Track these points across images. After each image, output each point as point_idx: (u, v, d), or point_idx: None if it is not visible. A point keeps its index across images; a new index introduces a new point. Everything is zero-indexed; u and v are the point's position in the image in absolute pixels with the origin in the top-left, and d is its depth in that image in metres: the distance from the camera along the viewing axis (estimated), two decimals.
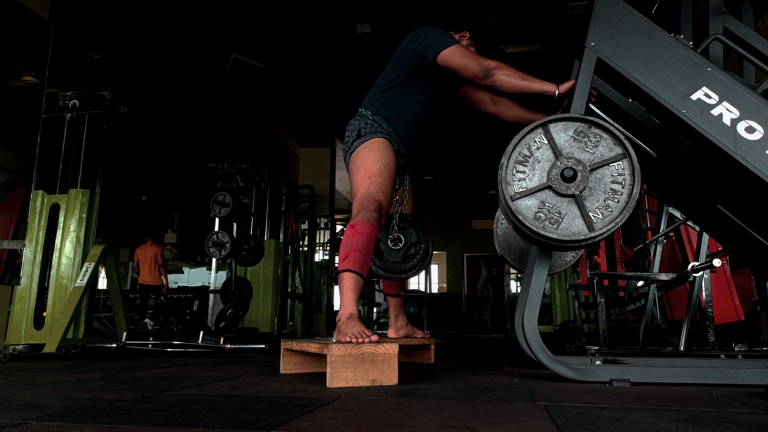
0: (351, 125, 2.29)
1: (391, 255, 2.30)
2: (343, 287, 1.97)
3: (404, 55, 2.28)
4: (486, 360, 2.94)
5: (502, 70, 2.08)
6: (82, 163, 4.04)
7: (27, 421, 1.05)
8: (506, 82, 2.07)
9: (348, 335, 1.74)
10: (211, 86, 7.19)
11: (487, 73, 2.09)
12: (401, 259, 2.30)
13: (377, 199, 2.07)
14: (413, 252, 2.32)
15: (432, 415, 1.13)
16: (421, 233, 2.34)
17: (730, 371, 1.72)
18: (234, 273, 5.27)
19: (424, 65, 2.24)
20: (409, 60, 2.26)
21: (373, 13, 5.47)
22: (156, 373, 2.09)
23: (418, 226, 2.35)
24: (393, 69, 2.30)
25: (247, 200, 6.56)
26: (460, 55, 2.16)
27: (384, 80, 2.31)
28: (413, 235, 2.33)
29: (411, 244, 2.31)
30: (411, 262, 2.31)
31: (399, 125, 2.24)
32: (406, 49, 2.28)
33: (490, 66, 2.09)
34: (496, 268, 13.18)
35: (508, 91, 2.11)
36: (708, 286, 3.40)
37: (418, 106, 2.27)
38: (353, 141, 2.23)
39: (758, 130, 1.79)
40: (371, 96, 2.32)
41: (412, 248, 2.32)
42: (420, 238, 2.33)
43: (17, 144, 8.61)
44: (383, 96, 2.28)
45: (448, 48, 2.17)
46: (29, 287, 3.74)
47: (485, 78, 2.10)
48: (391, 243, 2.32)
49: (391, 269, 2.38)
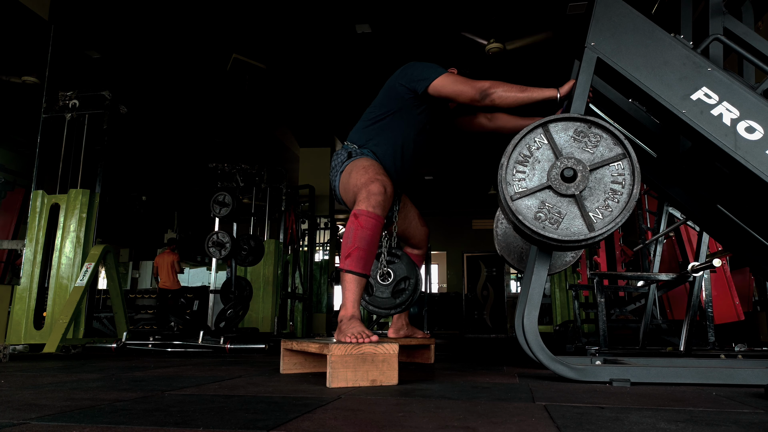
0: (339, 153, 2.25)
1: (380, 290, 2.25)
2: (345, 288, 1.95)
3: (393, 90, 2.24)
4: (486, 360, 2.94)
5: (499, 87, 2.05)
6: (82, 163, 4.04)
7: (27, 421, 1.05)
8: (506, 98, 2.05)
9: (348, 335, 1.74)
10: (211, 86, 7.19)
11: (483, 94, 2.06)
12: (390, 295, 2.26)
13: (380, 179, 2.01)
14: (403, 287, 2.27)
15: (432, 415, 1.13)
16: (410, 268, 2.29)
17: (730, 371, 1.72)
18: (234, 273, 5.27)
19: (415, 99, 2.21)
20: (399, 95, 2.22)
21: (373, 13, 5.47)
22: (156, 373, 2.09)
23: (407, 260, 2.31)
24: (381, 103, 2.26)
25: (247, 200, 6.56)
26: (452, 82, 2.13)
27: (372, 114, 2.27)
28: (402, 270, 2.28)
29: (400, 279, 2.27)
30: (400, 298, 2.26)
31: (387, 159, 2.21)
32: (395, 84, 2.24)
33: (484, 87, 2.06)
34: (496, 268, 13.18)
35: (509, 107, 2.08)
36: (708, 286, 3.40)
37: (407, 140, 2.24)
38: (343, 161, 2.20)
39: (758, 130, 1.79)
40: (358, 130, 2.28)
41: (402, 283, 2.27)
42: (409, 273, 2.29)
43: (17, 144, 8.63)
44: (371, 130, 2.24)
45: (439, 77, 2.14)
46: (29, 287, 3.74)
47: (483, 99, 2.07)
48: (380, 278, 2.27)
49: (380, 305, 2.34)
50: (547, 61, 6.23)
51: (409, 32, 5.79)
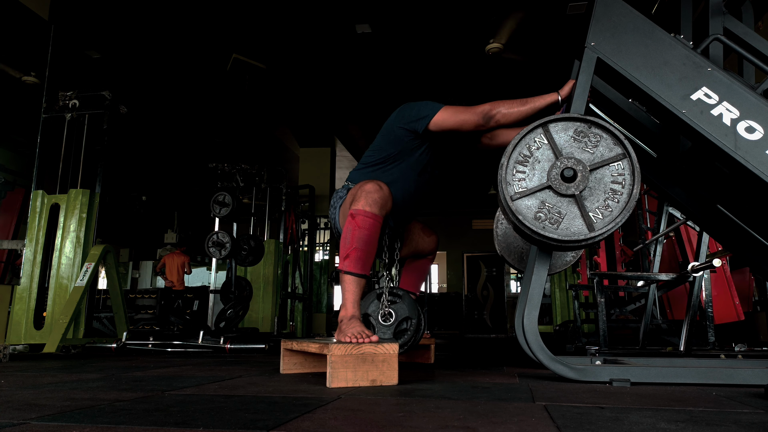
0: (338, 192, 2.25)
1: (381, 331, 2.21)
2: (345, 289, 1.95)
3: (392, 133, 2.22)
4: (486, 360, 2.94)
5: (500, 106, 2.04)
6: (82, 163, 4.04)
7: (27, 421, 1.05)
8: (510, 114, 2.04)
9: (348, 335, 1.74)
10: (211, 86, 7.19)
11: (487, 117, 2.05)
12: (392, 336, 2.23)
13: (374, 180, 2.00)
14: (405, 327, 2.24)
15: (432, 415, 1.13)
16: (411, 308, 2.26)
17: (730, 371, 1.72)
18: (234, 273, 5.27)
19: (415, 140, 2.19)
20: (398, 138, 2.20)
21: (373, 13, 5.47)
22: (156, 373, 2.09)
23: (408, 300, 2.28)
24: (380, 147, 2.24)
25: (247, 200, 6.56)
26: (452, 114, 2.11)
27: (372, 158, 2.25)
28: (404, 310, 2.25)
29: (402, 319, 2.25)
30: (403, 339, 2.24)
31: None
32: (393, 127, 2.22)
33: (486, 110, 2.05)
34: (496, 268, 13.18)
35: (514, 123, 2.06)
36: (708, 286, 3.40)
37: (407, 183, 2.23)
38: (343, 196, 2.19)
39: (758, 130, 1.79)
40: (358, 171, 2.27)
41: (404, 323, 2.25)
42: (411, 313, 2.26)
43: (17, 144, 8.63)
44: (370, 173, 2.23)
45: (438, 113, 2.12)
46: (29, 287, 3.74)
47: (488, 123, 2.06)
48: (381, 318, 2.24)
49: None
50: (545, 63, 6.23)
51: (409, 32, 5.79)
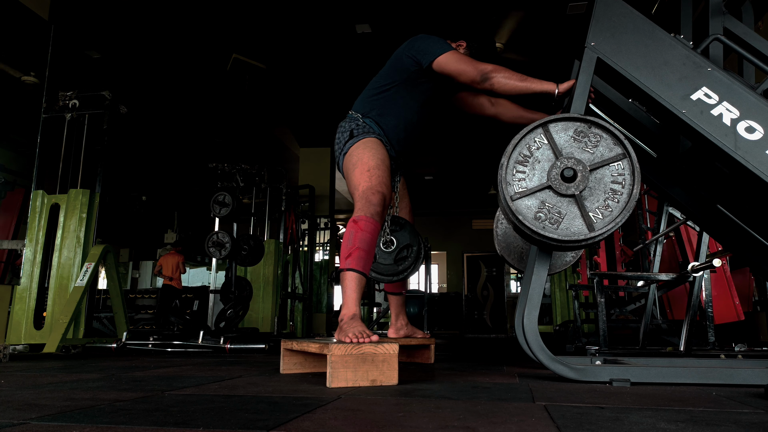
0: (342, 127, 2.28)
1: (383, 257, 2.31)
2: (346, 287, 1.96)
3: (400, 61, 2.27)
4: (486, 360, 2.94)
5: (500, 72, 2.07)
6: (82, 163, 4.04)
7: (27, 421, 1.05)
8: (505, 84, 2.06)
9: (349, 335, 1.74)
10: (211, 86, 7.19)
11: (484, 77, 2.08)
12: (393, 262, 2.30)
13: (381, 191, 2.05)
14: (405, 255, 2.32)
15: (432, 415, 1.13)
16: (413, 236, 2.33)
17: (730, 371, 1.72)
18: (234, 273, 5.27)
19: (419, 72, 2.23)
20: (404, 66, 2.25)
21: (373, 13, 5.47)
22: (156, 373, 2.09)
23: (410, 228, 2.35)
24: (387, 74, 2.29)
25: (247, 200, 6.56)
26: (456, 60, 2.14)
27: (377, 84, 2.30)
28: (405, 238, 2.32)
29: (403, 246, 2.31)
30: (403, 265, 2.31)
31: (390, 129, 2.24)
32: (401, 55, 2.27)
33: (486, 69, 2.08)
34: (496, 268, 13.18)
35: (507, 94, 2.10)
36: (708, 286, 3.40)
37: (410, 112, 2.27)
38: (346, 141, 2.22)
39: (758, 130, 1.79)
40: (363, 99, 2.31)
41: (404, 251, 2.32)
42: (412, 241, 2.32)
43: (17, 144, 8.63)
44: (375, 99, 2.27)
45: (444, 54, 2.16)
46: (29, 287, 3.74)
47: (483, 82, 2.09)
48: (383, 246, 2.32)
49: (383, 271, 2.38)
50: (545, 62, 6.23)
51: (409, 32, 5.76)
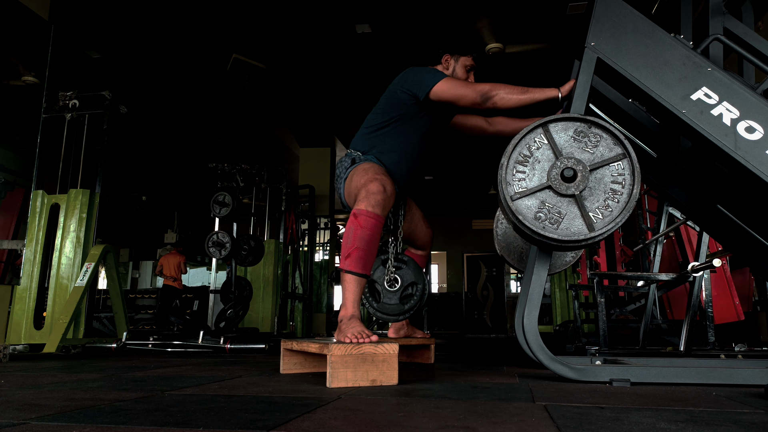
0: (343, 161, 2.26)
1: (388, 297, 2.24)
2: (345, 289, 1.95)
3: (395, 97, 2.24)
4: (486, 360, 2.94)
5: (500, 89, 2.05)
6: (82, 163, 4.04)
7: (27, 421, 1.05)
8: (508, 100, 2.05)
9: (348, 335, 1.74)
10: (211, 86, 7.18)
11: (485, 97, 2.07)
12: (399, 301, 2.25)
13: (379, 179, 2.01)
14: (411, 292, 2.27)
15: (432, 415, 1.13)
16: (417, 273, 2.28)
17: (730, 371, 1.72)
18: (234, 273, 5.27)
19: (417, 105, 2.21)
20: (401, 101, 2.22)
21: (373, 13, 5.46)
22: (156, 373, 2.09)
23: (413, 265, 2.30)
24: (383, 110, 2.26)
25: (247, 200, 6.56)
26: (453, 86, 2.13)
27: (374, 121, 2.27)
28: (410, 276, 2.27)
29: (408, 284, 2.27)
30: (409, 303, 2.26)
31: (392, 165, 2.22)
32: (395, 90, 2.25)
33: (485, 89, 2.07)
34: (496, 268, 13.18)
35: (511, 108, 2.07)
36: (708, 286, 3.40)
37: (411, 146, 2.25)
38: (347, 168, 2.20)
39: (758, 130, 1.79)
40: (361, 137, 2.28)
41: (410, 288, 2.27)
42: (417, 279, 2.28)
43: (17, 144, 8.63)
44: (374, 137, 2.24)
45: (439, 82, 2.14)
46: (29, 287, 3.74)
47: (484, 102, 2.07)
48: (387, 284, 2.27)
49: (388, 311, 2.34)
50: (546, 62, 6.23)
51: (409, 32, 5.79)
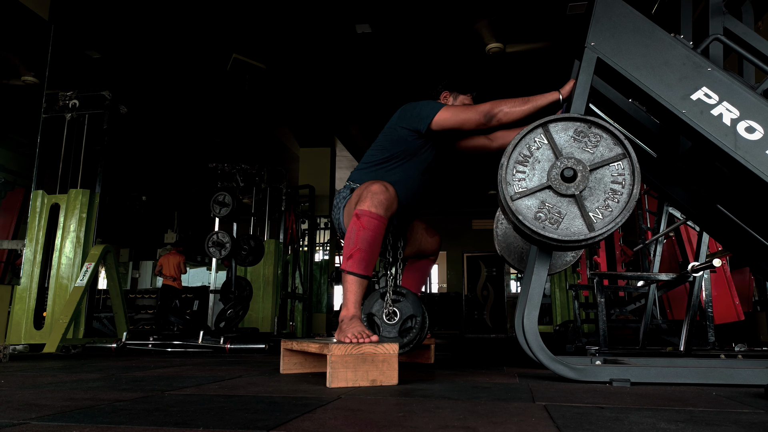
0: (341, 192, 2.24)
1: (387, 330, 2.22)
2: (347, 290, 1.94)
3: (395, 133, 2.23)
4: (486, 360, 2.94)
5: (501, 105, 2.05)
6: (82, 163, 4.04)
7: (27, 421, 1.05)
8: (512, 113, 2.05)
9: (348, 335, 1.74)
10: (211, 86, 7.19)
11: (488, 116, 2.06)
12: (398, 334, 2.23)
13: (380, 181, 2.00)
14: (410, 326, 2.24)
15: (432, 415, 1.13)
16: (416, 305, 2.26)
17: (730, 371, 1.72)
18: (234, 273, 5.27)
19: (419, 139, 2.20)
20: (401, 137, 2.21)
21: (373, 13, 5.46)
22: (156, 373, 2.09)
23: (412, 298, 2.27)
24: (383, 147, 2.25)
25: (247, 200, 6.56)
26: (453, 113, 2.13)
27: (374, 157, 2.26)
28: (408, 309, 2.25)
29: (407, 317, 2.25)
30: (408, 337, 2.23)
31: None
32: (396, 127, 2.23)
33: (486, 109, 2.07)
34: (496, 268, 13.18)
35: (516, 121, 2.07)
36: (708, 286, 3.40)
37: (411, 180, 2.24)
38: (346, 197, 2.18)
39: (758, 130, 1.79)
40: (360, 171, 2.26)
41: (409, 321, 2.25)
42: (416, 311, 2.26)
43: (17, 144, 8.63)
44: (374, 172, 2.23)
45: (439, 112, 2.14)
46: (29, 287, 3.74)
47: (489, 121, 2.07)
48: (386, 317, 2.25)
49: None
50: (545, 62, 6.23)
51: (409, 32, 5.78)
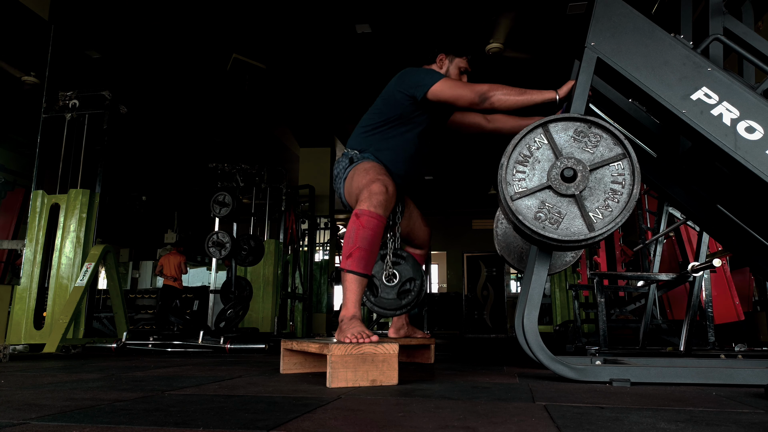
0: (340, 161, 2.26)
1: (385, 292, 2.26)
2: (346, 288, 1.95)
3: (392, 97, 2.25)
4: (486, 360, 2.94)
5: (498, 90, 2.06)
6: (82, 163, 4.04)
7: (27, 421, 1.05)
8: (505, 101, 2.05)
9: (348, 335, 1.74)
10: (211, 86, 7.19)
11: (483, 97, 2.07)
12: (396, 296, 2.26)
13: (381, 180, 2.02)
14: (408, 288, 2.28)
15: (432, 415, 1.13)
16: (415, 269, 2.30)
17: (730, 371, 1.72)
18: (234, 273, 5.27)
19: (414, 105, 2.22)
20: (398, 102, 2.23)
21: (373, 13, 5.46)
22: (156, 373, 2.09)
23: (412, 261, 2.31)
24: (380, 111, 2.27)
25: (247, 200, 6.56)
26: (450, 87, 2.14)
27: (370, 121, 2.28)
28: (408, 271, 2.29)
29: (406, 280, 2.28)
30: (406, 299, 2.26)
31: (389, 164, 2.22)
32: (393, 91, 2.25)
33: (483, 90, 2.07)
34: (496, 268, 13.18)
35: (508, 110, 2.08)
36: (708, 286, 3.39)
37: (407, 144, 2.26)
38: (345, 168, 2.20)
39: (758, 130, 1.79)
40: (357, 136, 2.28)
41: (407, 284, 2.28)
42: (415, 274, 2.29)
43: (17, 144, 8.63)
44: (371, 136, 2.25)
45: (437, 83, 2.15)
46: (29, 287, 3.74)
47: (482, 102, 2.08)
48: (385, 279, 2.28)
49: (386, 306, 2.35)
50: (545, 63, 6.23)
51: (409, 32, 5.79)
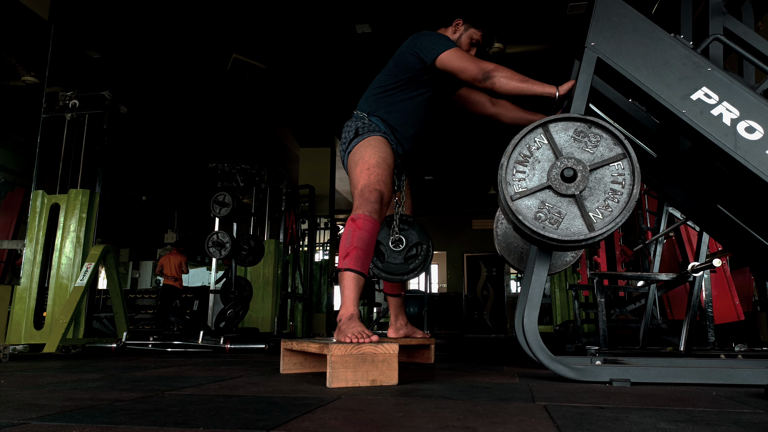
0: (348, 126, 2.30)
1: (392, 257, 2.29)
2: (344, 287, 1.96)
3: (403, 59, 2.28)
4: (486, 360, 2.94)
5: (501, 72, 2.08)
6: (82, 163, 4.04)
7: (27, 421, 1.05)
8: (505, 84, 2.07)
9: (348, 335, 1.74)
10: (211, 86, 7.19)
11: (485, 75, 2.09)
12: (403, 261, 2.29)
13: (378, 189, 2.06)
14: (415, 253, 2.31)
15: (432, 415, 1.13)
16: (422, 234, 2.33)
17: (730, 371, 1.72)
18: (234, 273, 5.27)
19: (423, 69, 2.25)
20: (409, 64, 2.26)
21: (373, 13, 5.47)
22: (156, 373, 2.09)
23: (418, 227, 2.34)
24: (391, 72, 2.30)
25: (247, 200, 6.56)
26: (458, 58, 2.16)
27: (381, 83, 2.31)
28: (414, 236, 2.32)
29: (412, 245, 2.31)
30: (413, 264, 2.30)
31: (398, 126, 2.26)
32: (404, 53, 2.29)
33: (488, 68, 2.09)
34: (496, 268, 13.18)
35: (507, 94, 2.11)
36: (708, 286, 3.40)
37: (417, 108, 2.28)
38: (351, 140, 2.24)
39: (758, 130, 1.79)
40: (367, 98, 2.32)
41: (414, 249, 2.31)
42: (421, 239, 2.32)
43: (17, 144, 8.63)
44: (381, 97, 2.28)
45: (446, 51, 2.17)
46: (29, 287, 3.74)
47: (484, 80, 2.10)
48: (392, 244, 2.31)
49: (393, 271, 2.38)
50: (545, 63, 6.23)
51: (409, 32, 5.78)
